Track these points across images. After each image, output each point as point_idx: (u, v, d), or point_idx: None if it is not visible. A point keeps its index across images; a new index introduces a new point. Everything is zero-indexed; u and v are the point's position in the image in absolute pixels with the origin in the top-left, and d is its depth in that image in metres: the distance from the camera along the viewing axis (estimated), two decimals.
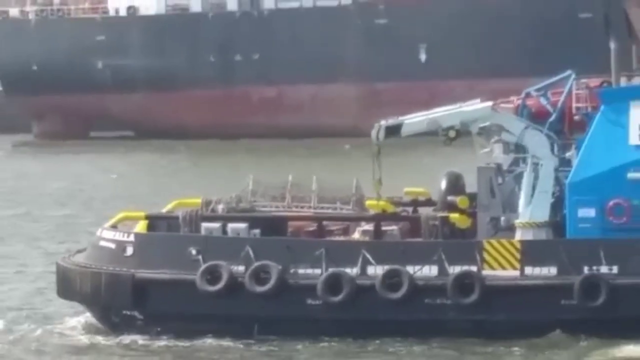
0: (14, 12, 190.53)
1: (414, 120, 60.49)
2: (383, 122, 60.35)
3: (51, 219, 68.32)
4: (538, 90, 59.83)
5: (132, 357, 57.77)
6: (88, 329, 60.90)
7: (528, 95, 59.87)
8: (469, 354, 55.83)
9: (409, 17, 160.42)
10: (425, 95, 60.00)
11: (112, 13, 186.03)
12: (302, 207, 60.92)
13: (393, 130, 60.14)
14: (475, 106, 60.26)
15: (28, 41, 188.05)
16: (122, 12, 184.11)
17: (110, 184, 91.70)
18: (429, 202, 61.36)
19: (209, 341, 58.16)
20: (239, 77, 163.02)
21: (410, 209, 61.62)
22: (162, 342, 58.25)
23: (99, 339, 59.72)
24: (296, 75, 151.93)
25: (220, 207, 60.84)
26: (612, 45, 60.16)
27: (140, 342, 58.54)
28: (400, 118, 60.99)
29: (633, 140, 57.07)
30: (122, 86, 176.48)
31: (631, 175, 56.69)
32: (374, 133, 60.13)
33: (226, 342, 57.87)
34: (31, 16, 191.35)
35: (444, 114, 60.50)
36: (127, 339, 58.97)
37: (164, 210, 62.53)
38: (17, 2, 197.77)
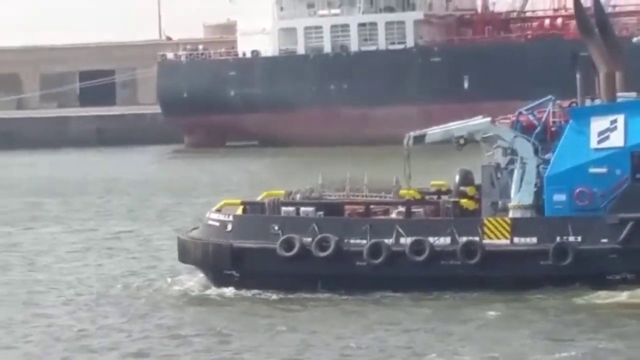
0: (170, 55, 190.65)
1: (435, 131, 61.52)
2: (412, 133, 61.21)
3: (194, 206, 67.59)
4: (528, 109, 60.58)
5: (231, 304, 58.46)
6: (200, 284, 62.01)
7: (520, 113, 60.17)
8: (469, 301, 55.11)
9: (455, 56, 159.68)
10: (467, 114, 59.81)
11: (240, 55, 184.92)
12: (356, 196, 61.33)
13: (419, 139, 61.20)
14: (478, 121, 61.02)
15: (180, 76, 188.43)
16: (248, 55, 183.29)
17: (236, 178, 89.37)
18: (448, 192, 61.68)
19: (286, 296, 58.18)
20: (333, 101, 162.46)
21: (435, 197, 61.41)
22: (253, 293, 58.89)
23: (208, 291, 60.97)
24: (374, 99, 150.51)
25: (297, 196, 61.66)
26: (578, 76, 60.58)
27: (237, 293, 59.31)
28: (424, 130, 61.60)
29: (592, 144, 58.51)
30: (249, 108, 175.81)
31: (592, 170, 57.67)
32: (405, 141, 61.03)
33: (295, 295, 57.97)
34: (183, 58, 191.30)
35: (456, 126, 61.32)
36: (227, 291, 59.89)
37: (258, 199, 62.94)
38: (172, 48, 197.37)
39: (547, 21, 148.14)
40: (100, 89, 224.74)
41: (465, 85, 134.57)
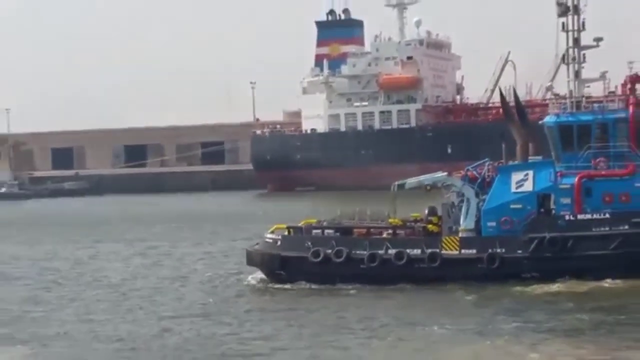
0: (258, 132, 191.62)
1: (411, 181, 61.34)
2: (396, 182, 61.31)
3: (262, 228, 66.34)
4: (473, 167, 60.29)
5: (279, 292, 58.12)
6: (261, 280, 61.44)
7: (468, 170, 59.99)
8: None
9: (442, 132, 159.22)
10: (450, 170, 60.04)
11: (304, 131, 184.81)
12: (361, 222, 61.39)
13: (401, 186, 61.27)
14: (439, 174, 60.82)
15: (265, 145, 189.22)
16: (309, 131, 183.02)
17: (291, 211, 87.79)
18: (420, 220, 60.97)
19: (315, 287, 57.78)
20: (363, 162, 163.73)
21: (412, 223, 60.69)
22: (293, 286, 58.37)
23: (266, 285, 60.45)
24: (389, 160, 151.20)
25: (324, 223, 61.56)
26: (503, 146, 60.57)
27: (283, 286, 58.74)
28: (405, 180, 61.63)
29: (512, 189, 58.14)
30: (309, 166, 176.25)
31: (512, 206, 57.42)
32: (392, 187, 61.04)
33: (322, 287, 57.52)
34: (267, 134, 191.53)
35: (425, 177, 61.36)
36: (277, 286, 59.26)
37: (299, 224, 62.09)
38: (260, 127, 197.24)
39: (501, 110, 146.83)
40: (214, 153, 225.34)
41: (449, 150, 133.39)
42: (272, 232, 61.79)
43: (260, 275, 61.81)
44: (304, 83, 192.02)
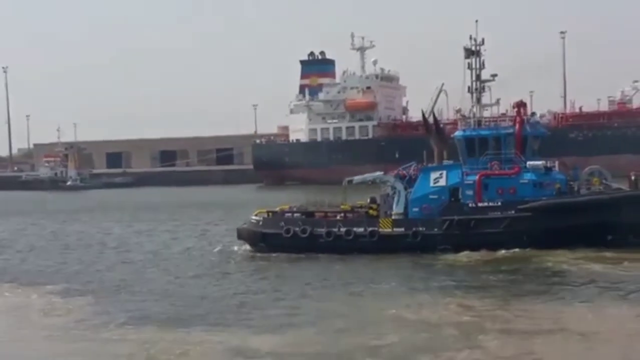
0: (258, 141, 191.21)
1: (357, 177, 61.16)
2: (347, 178, 61.19)
3: (246, 213, 65.81)
4: (403, 168, 60.03)
5: (261, 259, 57.51)
6: (246, 249, 60.92)
7: (399, 170, 59.88)
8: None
9: (392, 142, 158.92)
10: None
11: (291, 141, 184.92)
12: (321, 208, 61.29)
13: (350, 182, 61.20)
14: (378, 173, 60.75)
15: (262, 150, 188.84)
16: (295, 141, 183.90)
17: (276, 199, 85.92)
18: (364, 206, 60.50)
19: (287, 255, 57.16)
20: (334, 163, 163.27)
21: (359, 209, 60.34)
22: (273, 255, 57.66)
23: (250, 252, 59.98)
24: (353, 162, 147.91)
25: (294, 208, 61.37)
26: (425, 153, 60.68)
27: (266, 255, 58.15)
28: (353, 177, 61.54)
29: (431, 184, 57.92)
30: (295, 167, 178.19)
31: (430, 196, 57.29)
32: (344, 182, 61.02)
33: (292, 255, 56.93)
34: (264, 142, 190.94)
35: (368, 175, 61.34)
36: (259, 254, 58.84)
37: (276, 209, 61.68)
38: (259, 137, 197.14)
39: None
40: (226, 157, 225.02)
41: (397, 155, 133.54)
42: (256, 215, 61.40)
43: (247, 247, 61.34)
44: (291, 105, 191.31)
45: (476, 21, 58.71)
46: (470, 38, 58.21)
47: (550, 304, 38.40)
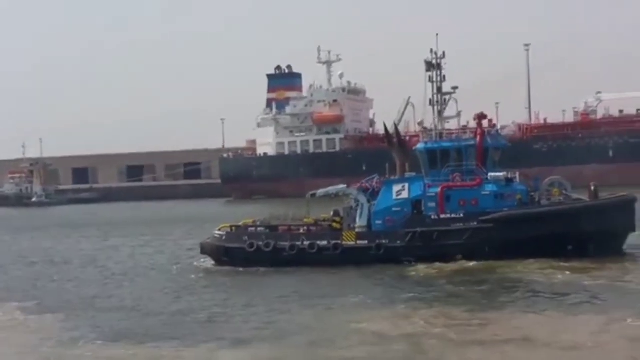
0: (225, 155, 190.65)
1: (321, 190, 61.34)
2: (310, 192, 61.32)
3: (213, 227, 64.75)
4: (366, 181, 60.23)
5: (225, 273, 57.40)
6: (210, 263, 60.96)
7: (362, 182, 60.09)
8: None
9: (359, 155, 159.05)
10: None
11: (258, 155, 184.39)
12: (285, 222, 61.27)
13: (314, 195, 61.30)
14: (341, 186, 60.91)
15: (230, 165, 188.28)
16: (262, 154, 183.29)
17: (243, 213, 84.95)
18: (327, 220, 60.69)
19: (251, 270, 56.92)
20: (301, 176, 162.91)
21: (322, 222, 60.55)
22: (234, 269, 57.79)
23: (214, 267, 59.96)
24: (320, 175, 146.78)
25: (258, 222, 61.23)
26: (387, 166, 60.97)
27: (227, 269, 58.22)
28: (316, 190, 61.70)
29: (394, 197, 58.19)
30: (262, 180, 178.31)
31: (394, 209, 57.52)
32: (307, 196, 61.11)
33: (255, 269, 56.97)
34: (231, 156, 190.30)
35: (331, 189, 61.48)
36: (223, 268, 58.70)
37: (240, 223, 61.55)
38: (227, 151, 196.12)
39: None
40: (194, 171, 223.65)
41: (364, 168, 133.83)
42: (220, 230, 61.30)
43: (210, 261, 61.14)
44: (259, 119, 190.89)
45: (437, 35, 59.20)
46: (431, 51, 58.71)
47: (516, 314, 38.64)
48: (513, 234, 54.09)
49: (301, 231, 59.14)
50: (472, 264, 53.54)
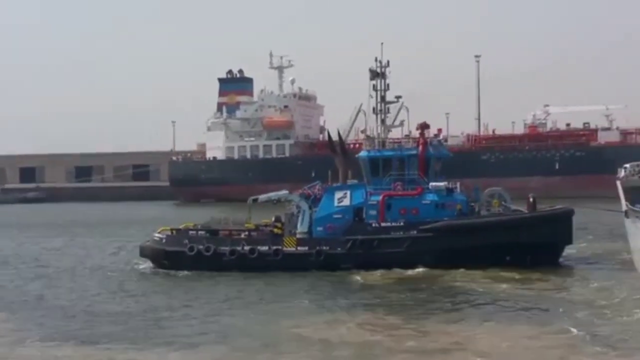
0: (174, 158, 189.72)
1: (263, 196, 61.26)
2: (252, 197, 61.19)
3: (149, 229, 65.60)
4: (308, 187, 60.47)
5: (164, 276, 57.35)
6: (149, 266, 60.79)
7: (304, 189, 60.22)
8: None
9: (309, 161, 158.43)
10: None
11: (208, 158, 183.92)
12: (226, 226, 61.10)
13: (255, 200, 61.21)
14: (283, 192, 60.98)
15: (179, 168, 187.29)
16: (212, 158, 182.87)
17: (186, 216, 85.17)
18: (269, 225, 60.85)
19: (190, 274, 56.98)
20: (250, 181, 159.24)
21: (263, 227, 60.62)
22: (174, 272, 57.60)
23: (153, 271, 59.64)
24: (270, 180, 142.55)
25: (198, 226, 60.95)
26: (330, 173, 61.12)
27: (170, 273, 57.92)
28: (258, 195, 61.64)
29: (335, 204, 58.41)
30: (210, 183, 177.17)
31: (335, 216, 57.79)
32: (248, 201, 60.98)
33: (194, 272, 56.97)
34: (180, 159, 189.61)
35: (273, 194, 61.42)
36: (162, 271, 58.63)
37: (180, 227, 61.33)
38: (176, 154, 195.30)
39: (351, 146, 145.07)
40: (142, 173, 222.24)
41: (313, 174, 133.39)
42: (160, 232, 61.12)
43: (149, 264, 60.84)
44: (209, 123, 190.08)
45: (381, 44, 59.56)
46: (376, 60, 58.99)
47: (453, 323, 38.94)
48: (452, 244, 54.70)
49: (242, 236, 59.21)
50: (412, 272, 54.13)
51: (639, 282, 48.64)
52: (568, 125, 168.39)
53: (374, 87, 59.34)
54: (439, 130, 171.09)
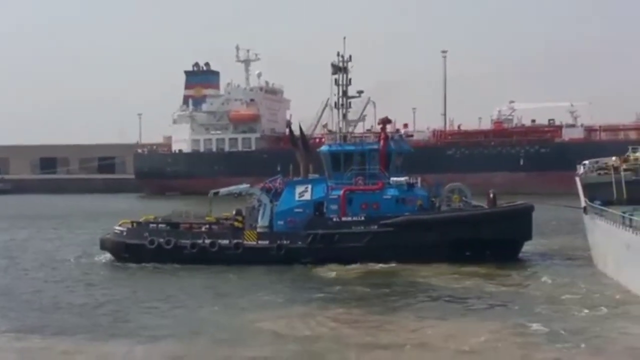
0: (140, 150, 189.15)
1: (224, 189, 61.12)
2: (212, 190, 60.96)
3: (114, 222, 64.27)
4: (269, 181, 60.32)
5: (124, 268, 57.19)
6: (109, 259, 60.54)
7: (265, 182, 60.08)
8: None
9: (274, 155, 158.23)
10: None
11: (173, 151, 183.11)
12: (187, 219, 60.85)
13: (216, 193, 60.99)
14: (244, 185, 60.82)
15: (144, 161, 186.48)
16: (177, 151, 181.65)
17: (149, 208, 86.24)
18: (229, 218, 60.52)
19: (151, 266, 56.88)
20: (216, 174, 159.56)
21: (224, 220, 60.37)
22: (138, 267, 57.25)
23: (114, 264, 59.31)
24: (235, 173, 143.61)
25: (159, 219, 60.70)
26: (291, 167, 61.02)
27: (129, 265, 57.76)
28: (219, 189, 61.46)
29: (296, 198, 58.40)
30: (176, 176, 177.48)
31: (296, 210, 57.97)
32: (209, 194, 60.70)
33: (154, 265, 57.06)
34: (146, 152, 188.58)
35: (234, 188, 61.33)
36: (123, 265, 58.33)
37: (140, 220, 61.01)
38: (141, 147, 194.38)
39: (317, 140, 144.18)
40: (108, 165, 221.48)
41: (279, 168, 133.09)
42: (120, 225, 60.80)
43: (109, 256, 60.53)
44: (175, 116, 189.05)
45: (344, 38, 59.45)
46: (338, 54, 58.90)
47: (414, 318, 39.02)
48: (413, 239, 54.84)
49: (203, 229, 59.06)
50: (375, 267, 54.17)
51: (597, 277, 49.40)
52: (533, 121, 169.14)
53: (336, 82, 59.21)
54: (405, 125, 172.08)
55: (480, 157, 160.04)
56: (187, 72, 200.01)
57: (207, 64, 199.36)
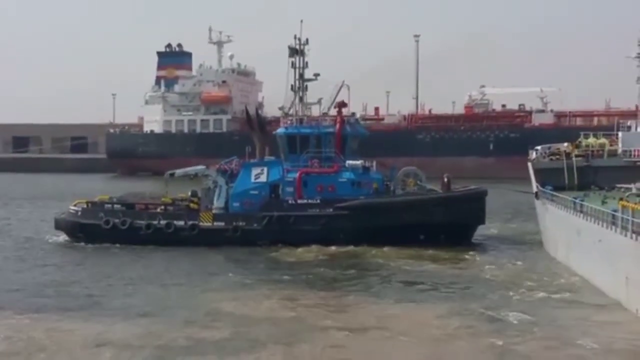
0: (112, 130, 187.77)
1: (179, 171, 60.93)
2: (168, 171, 60.78)
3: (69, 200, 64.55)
4: (225, 162, 60.26)
5: (78, 249, 56.85)
6: (64, 239, 60.26)
7: (221, 164, 59.98)
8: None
9: (246, 137, 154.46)
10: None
11: (145, 132, 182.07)
12: (142, 200, 60.79)
13: (172, 175, 60.79)
14: (200, 167, 60.73)
15: (117, 141, 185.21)
16: (149, 132, 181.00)
17: (114, 189, 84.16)
18: (185, 199, 60.74)
19: (106, 246, 56.54)
20: (187, 155, 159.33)
21: (180, 202, 60.31)
22: (89, 245, 57.14)
23: (69, 243, 59.06)
24: (206, 155, 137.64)
25: (114, 199, 60.50)
26: (248, 149, 60.95)
27: (82, 245, 57.67)
28: (175, 170, 61.28)
29: (252, 180, 58.63)
30: (147, 157, 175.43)
31: (251, 192, 58.25)
32: (165, 175, 60.52)
33: (110, 245, 56.80)
34: (118, 132, 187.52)
35: (190, 169, 61.14)
36: (79, 245, 58.08)
37: (95, 199, 60.79)
38: (114, 127, 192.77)
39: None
40: (80, 145, 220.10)
41: (248, 150, 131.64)
42: (75, 205, 60.55)
43: (64, 237, 60.27)
44: (147, 96, 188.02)
45: (301, 21, 59.34)
46: (295, 37, 58.79)
47: (372, 301, 39.21)
48: (367, 222, 55.07)
49: (158, 210, 58.98)
50: (332, 249, 54.26)
51: (547, 262, 49.82)
52: (504, 106, 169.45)
53: (292, 65, 59.13)
54: (376, 109, 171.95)
55: (450, 141, 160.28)
56: (159, 53, 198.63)
57: (179, 45, 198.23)
